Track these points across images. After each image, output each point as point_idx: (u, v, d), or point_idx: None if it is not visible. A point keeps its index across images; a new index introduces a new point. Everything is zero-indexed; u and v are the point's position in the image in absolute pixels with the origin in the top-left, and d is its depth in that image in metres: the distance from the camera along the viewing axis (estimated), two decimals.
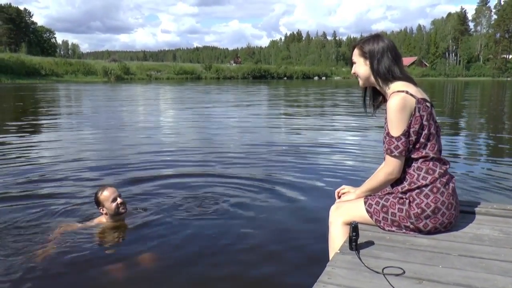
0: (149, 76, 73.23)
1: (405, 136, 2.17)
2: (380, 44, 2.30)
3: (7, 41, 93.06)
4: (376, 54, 2.29)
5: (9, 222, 3.92)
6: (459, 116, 15.21)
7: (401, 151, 2.19)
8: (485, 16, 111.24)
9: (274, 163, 6.51)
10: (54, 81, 57.35)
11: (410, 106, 2.16)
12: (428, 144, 2.23)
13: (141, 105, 19.90)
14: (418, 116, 2.17)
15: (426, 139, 2.21)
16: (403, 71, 2.30)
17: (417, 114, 2.17)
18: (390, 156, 2.23)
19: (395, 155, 2.20)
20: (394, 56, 2.29)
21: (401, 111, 2.15)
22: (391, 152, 2.21)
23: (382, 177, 2.30)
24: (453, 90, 38.80)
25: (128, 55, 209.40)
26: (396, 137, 2.18)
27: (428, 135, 2.21)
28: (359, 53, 2.36)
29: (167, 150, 7.71)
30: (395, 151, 2.20)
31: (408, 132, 2.18)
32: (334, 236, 2.36)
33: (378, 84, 2.33)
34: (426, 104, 2.20)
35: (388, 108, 2.20)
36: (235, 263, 3.22)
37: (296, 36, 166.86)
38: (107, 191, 3.68)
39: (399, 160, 2.22)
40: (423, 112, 2.18)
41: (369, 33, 2.47)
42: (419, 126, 2.18)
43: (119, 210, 3.69)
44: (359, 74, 2.39)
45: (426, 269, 1.87)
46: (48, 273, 3.03)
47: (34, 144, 8.45)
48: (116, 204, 3.66)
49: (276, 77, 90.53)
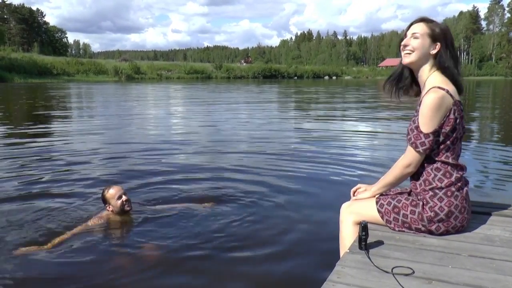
0: (160, 75, 73.62)
1: (434, 135, 2.12)
2: (451, 35, 2.23)
3: (20, 41, 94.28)
4: (450, 40, 2.21)
5: (13, 219, 3.98)
6: (470, 116, 15.05)
7: (426, 148, 2.14)
8: (498, 14, 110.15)
9: (284, 160, 6.50)
10: (65, 81, 57.96)
11: (447, 106, 2.09)
12: (452, 148, 2.17)
13: (153, 104, 19.99)
14: (452, 118, 2.11)
15: (452, 142, 2.16)
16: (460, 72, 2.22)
17: (451, 116, 2.10)
18: (414, 150, 2.17)
19: (419, 150, 2.15)
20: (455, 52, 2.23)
21: (437, 109, 2.08)
22: (416, 147, 2.15)
23: (398, 170, 2.25)
24: (464, 90, 38.36)
25: (139, 55, 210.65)
26: (425, 134, 2.12)
27: (454, 139, 2.16)
28: (428, 32, 2.19)
29: (174, 147, 7.76)
30: (420, 147, 2.14)
31: (439, 132, 2.13)
32: (344, 235, 2.35)
33: (427, 71, 2.22)
34: (461, 107, 2.14)
35: (423, 103, 2.12)
36: (242, 260, 3.23)
37: (307, 35, 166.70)
38: (112, 189, 3.83)
39: (420, 156, 2.17)
40: (457, 115, 2.12)
41: (379, 33, 2.40)
42: (451, 128, 2.12)
43: (125, 208, 3.82)
44: (417, 51, 2.20)
45: (436, 269, 1.86)
46: (53, 269, 3.07)
47: (48, 140, 8.53)
48: (122, 201, 3.80)
49: (286, 76, 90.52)
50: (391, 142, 8.44)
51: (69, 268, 3.10)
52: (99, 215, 3.87)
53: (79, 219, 3.97)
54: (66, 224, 3.86)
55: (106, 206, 3.86)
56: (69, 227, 3.76)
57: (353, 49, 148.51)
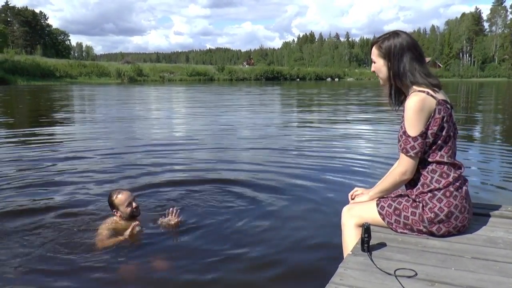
0: (162, 77, 73.67)
1: (421, 137, 2.13)
2: (399, 41, 2.20)
3: (23, 43, 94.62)
4: (394, 54, 2.20)
5: (18, 223, 3.96)
6: (472, 117, 15.03)
7: (417, 151, 2.16)
8: (501, 16, 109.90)
9: (287, 164, 6.49)
10: (68, 83, 58.06)
11: (430, 107, 2.11)
12: (445, 147, 2.18)
13: (158, 105, 20.02)
14: (438, 117, 2.12)
15: (443, 141, 2.17)
16: (426, 71, 2.21)
17: (437, 115, 2.12)
18: (405, 156, 2.19)
19: (410, 155, 2.17)
20: (415, 54, 2.21)
21: (419, 111, 2.10)
22: (407, 152, 2.17)
23: (395, 177, 2.27)
24: (467, 91, 38.33)
25: (141, 57, 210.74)
26: (413, 137, 2.14)
27: (446, 137, 2.17)
28: (378, 52, 2.27)
29: (181, 151, 7.74)
30: (411, 151, 2.16)
31: (426, 133, 2.14)
32: (347, 238, 2.35)
33: (397, 84, 2.28)
34: (446, 106, 2.15)
35: (406, 108, 2.15)
36: (247, 264, 3.23)
37: (309, 37, 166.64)
38: (122, 194, 3.68)
39: (413, 161, 2.19)
40: (443, 113, 2.13)
41: (381, 34, 2.39)
42: (438, 127, 2.14)
43: (134, 214, 3.70)
44: (379, 74, 2.32)
45: (439, 271, 1.85)
46: (59, 273, 3.05)
47: (55, 140, 8.55)
48: (131, 208, 3.67)
49: (289, 78, 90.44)
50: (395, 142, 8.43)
51: (71, 272, 3.08)
52: (106, 221, 3.76)
53: (86, 225, 3.90)
54: (73, 230, 3.80)
55: (113, 211, 3.72)
56: (75, 233, 3.72)
57: (355, 51, 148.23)
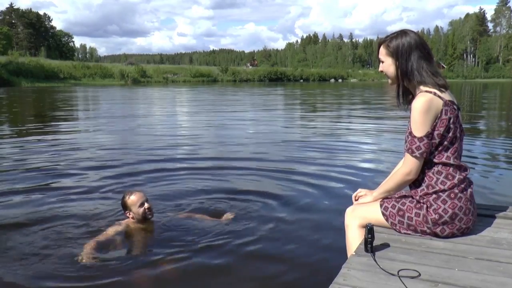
0: (166, 79, 73.90)
1: (428, 138, 2.13)
2: (407, 40, 2.20)
3: (27, 45, 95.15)
4: (403, 52, 2.20)
5: (27, 225, 3.94)
6: (477, 118, 14.98)
7: (423, 152, 2.15)
8: (505, 16, 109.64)
9: (290, 165, 6.51)
10: (72, 84, 58.31)
11: (436, 108, 2.11)
12: (451, 148, 2.18)
13: (163, 107, 20.05)
14: (445, 118, 2.12)
15: (449, 142, 2.16)
16: (434, 70, 2.20)
17: (443, 116, 2.11)
18: (411, 156, 2.18)
19: (415, 155, 2.16)
20: (423, 53, 2.20)
21: (425, 112, 2.10)
22: (412, 152, 2.17)
23: (399, 177, 2.26)
24: (470, 92, 38.20)
25: (145, 58, 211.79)
26: (419, 138, 2.13)
27: (452, 139, 2.16)
28: (386, 51, 2.26)
29: (192, 153, 7.74)
30: (416, 151, 2.15)
31: (432, 134, 2.13)
32: (350, 239, 2.36)
33: (405, 83, 2.27)
34: (453, 107, 2.14)
35: (412, 108, 2.15)
36: (249, 264, 3.24)
37: (312, 38, 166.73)
38: (134, 195, 3.61)
39: (418, 161, 2.18)
40: (450, 115, 2.12)
41: (385, 35, 2.38)
42: (445, 128, 2.13)
43: (147, 216, 3.64)
44: (387, 74, 2.31)
45: (442, 272, 1.85)
46: (72, 275, 3.03)
47: (64, 140, 8.58)
48: (144, 209, 3.60)
49: (292, 79, 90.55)
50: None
51: (84, 274, 3.06)
52: (118, 223, 3.70)
53: (97, 226, 3.85)
54: (84, 232, 3.77)
55: (126, 212, 3.65)
56: (87, 234, 3.67)
57: (359, 51, 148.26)
